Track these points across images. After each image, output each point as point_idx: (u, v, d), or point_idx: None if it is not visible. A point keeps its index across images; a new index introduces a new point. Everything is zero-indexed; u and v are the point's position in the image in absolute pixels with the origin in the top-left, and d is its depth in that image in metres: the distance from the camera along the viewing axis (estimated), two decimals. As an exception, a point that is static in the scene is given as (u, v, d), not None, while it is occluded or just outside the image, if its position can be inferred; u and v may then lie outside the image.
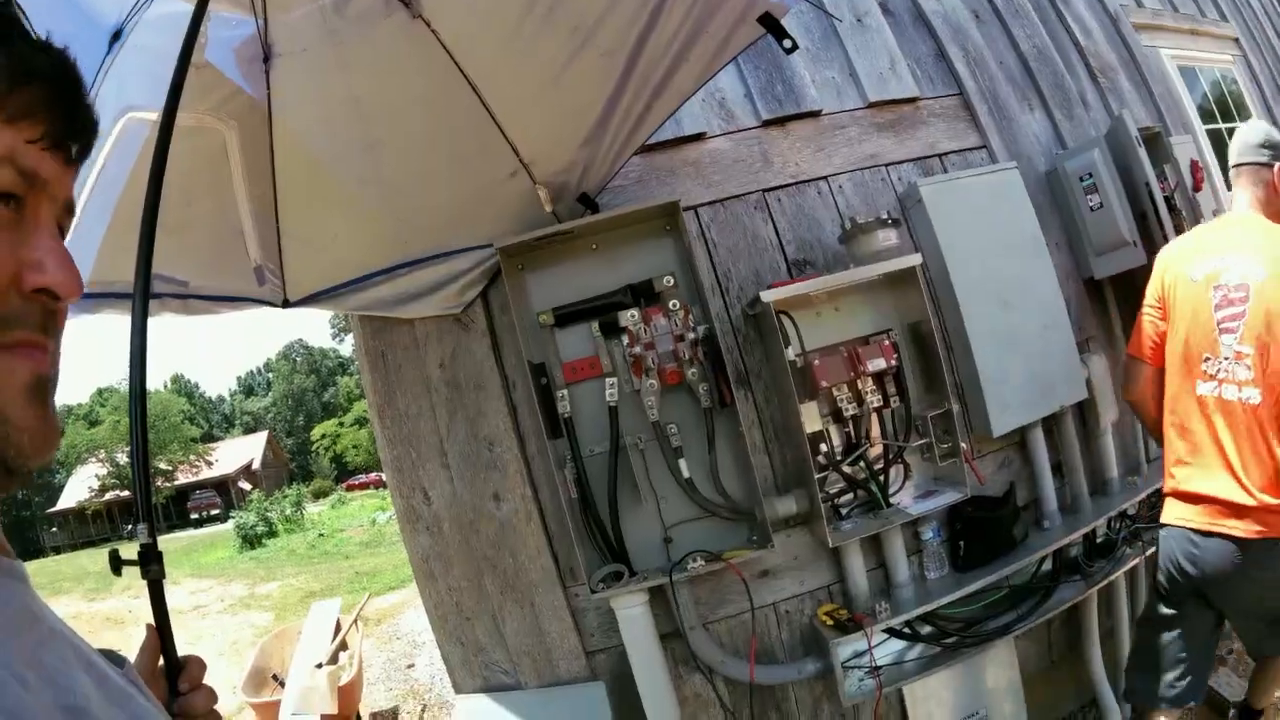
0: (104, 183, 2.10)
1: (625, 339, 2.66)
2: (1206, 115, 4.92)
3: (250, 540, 22.32)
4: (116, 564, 1.14)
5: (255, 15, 2.09)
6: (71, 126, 0.62)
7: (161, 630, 1.07)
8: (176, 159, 1.62)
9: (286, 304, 2.66)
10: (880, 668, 2.70)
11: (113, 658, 0.76)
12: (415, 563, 2.99)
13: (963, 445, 2.78)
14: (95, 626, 11.78)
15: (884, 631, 2.73)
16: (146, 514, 1.17)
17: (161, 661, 1.06)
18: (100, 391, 57.17)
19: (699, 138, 2.99)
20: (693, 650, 2.74)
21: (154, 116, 2.05)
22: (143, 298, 1.30)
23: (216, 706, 1.07)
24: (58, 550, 37.31)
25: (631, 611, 2.60)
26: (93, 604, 14.47)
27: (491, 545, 2.90)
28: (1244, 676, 3.37)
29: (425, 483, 2.94)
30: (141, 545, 1.14)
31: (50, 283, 0.58)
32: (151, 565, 1.14)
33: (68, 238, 0.68)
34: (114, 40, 2.02)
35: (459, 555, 2.93)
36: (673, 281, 2.71)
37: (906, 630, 2.79)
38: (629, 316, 2.66)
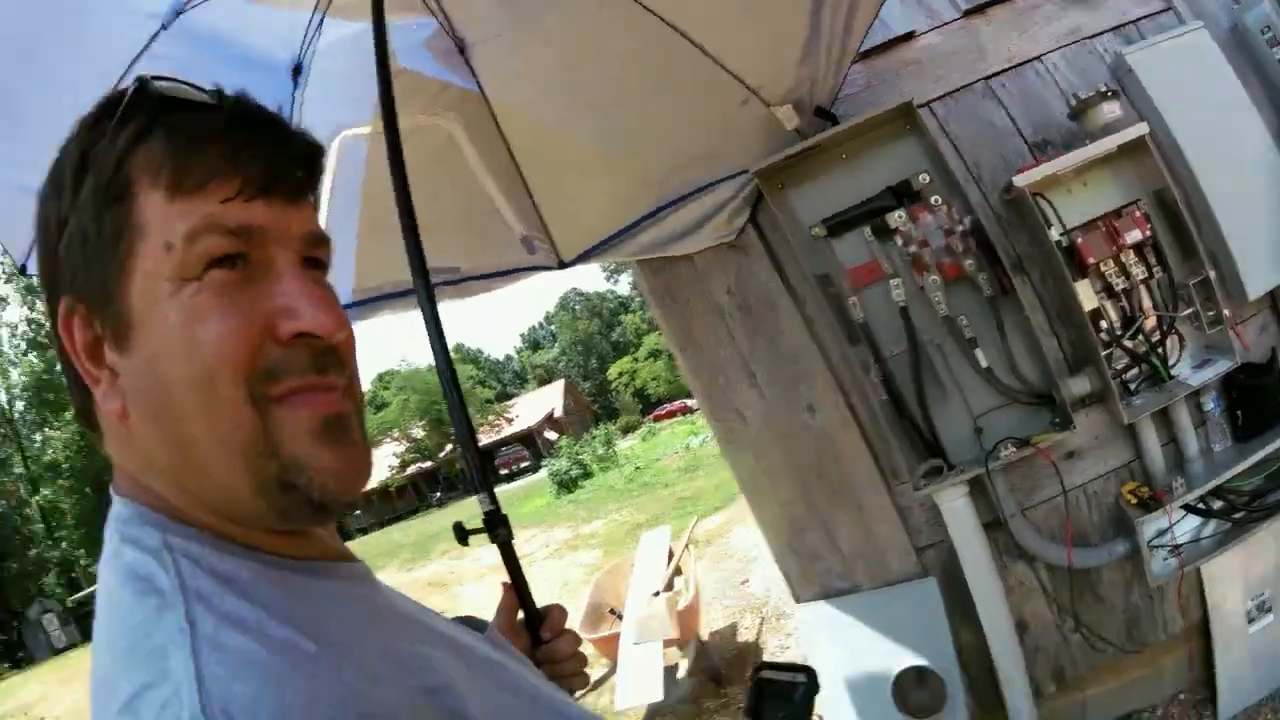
0: (339, 201, 2.16)
1: (899, 240, 2.63)
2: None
3: (565, 485, 22.41)
4: (462, 535, 1.19)
5: (434, 14, 2.14)
6: (271, 166, 0.60)
7: (518, 586, 1.14)
8: (408, 161, 1.64)
9: (562, 265, 2.69)
10: (1180, 546, 2.65)
11: (474, 624, 0.82)
12: (742, 482, 3.06)
13: (1225, 312, 2.71)
14: (419, 592, 11.68)
15: (1181, 508, 2.67)
16: (485, 485, 1.23)
17: (521, 615, 1.12)
18: (380, 376, 58.18)
19: (910, 36, 2.93)
20: (1015, 538, 2.73)
21: (366, 130, 2.10)
22: (425, 286, 1.35)
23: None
24: (364, 531, 37.33)
25: (955, 504, 2.61)
26: (411, 572, 14.93)
27: (813, 455, 2.92)
28: None
29: (738, 404, 2.97)
30: (486, 513, 1.20)
31: (306, 326, 0.58)
32: (499, 529, 1.20)
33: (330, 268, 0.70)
34: (296, 74, 2.08)
35: (783, 469, 2.97)
36: (928, 178, 2.66)
37: (1201, 505, 2.73)
38: (897, 217, 2.62)
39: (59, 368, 0.62)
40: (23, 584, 41.62)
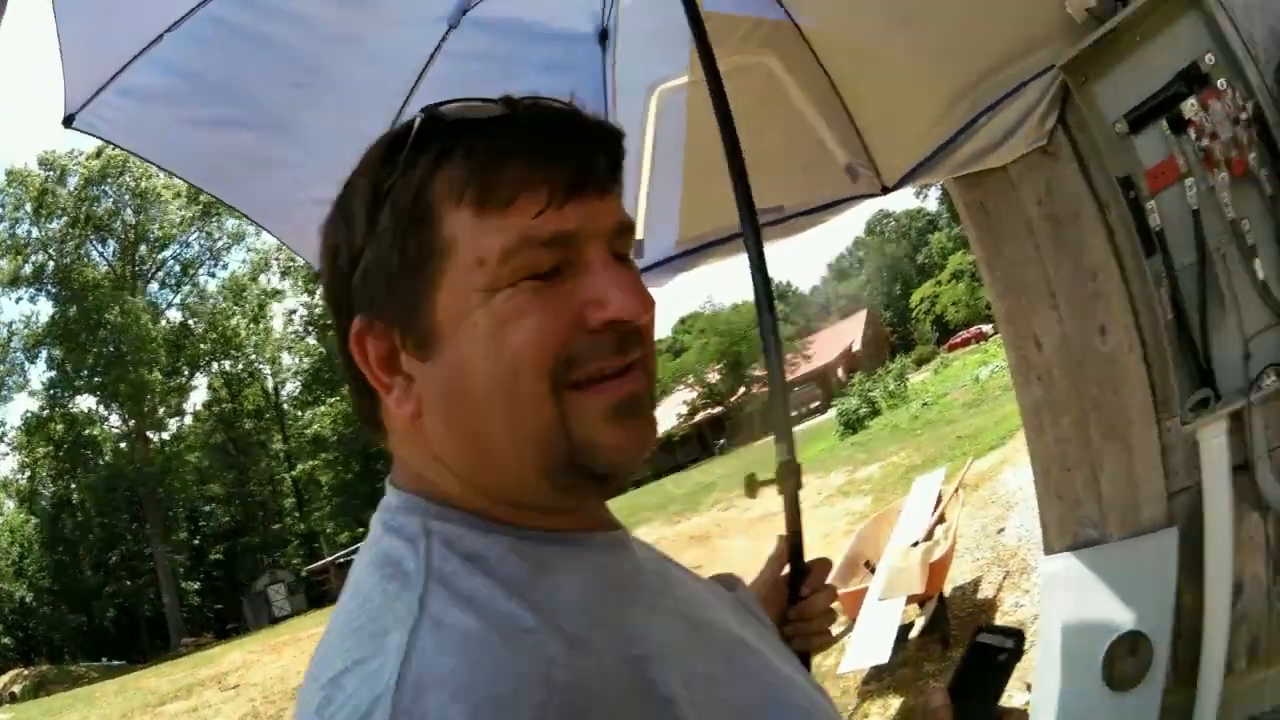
0: (662, 154, 2.23)
1: (1192, 133, 2.32)
2: None
3: (852, 425, 22.33)
4: (751, 486, 1.25)
5: None
6: (577, 168, 0.59)
7: (793, 540, 1.15)
8: (731, 104, 1.64)
9: (885, 190, 2.72)
10: None
11: (725, 581, 0.84)
12: (1026, 417, 2.98)
13: None
14: (679, 546, 12.11)
15: None
16: (786, 434, 1.24)
17: (787, 569, 1.13)
18: (683, 320, 57.61)
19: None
20: (1255, 483, 2.42)
21: (683, 81, 2.14)
22: (754, 230, 1.42)
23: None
24: (638, 484, 40.54)
25: (1215, 441, 2.30)
26: (677, 526, 15.19)
27: (1096, 384, 2.78)
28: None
29: (1037, 329, 2.90)
30: (781, 461, 1.20)
31: (616, 314, 0.59)
32: (788, 479, 1.20)
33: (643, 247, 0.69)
34: (603, 40, 2.13)
35: (1067, 401, 2.86)
36: (1213, 59, 2.32)
37: None
38: (1190, 106, 2.31)
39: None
40: (255, 557, 44.17)
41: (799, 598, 1.10)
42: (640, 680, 0.55)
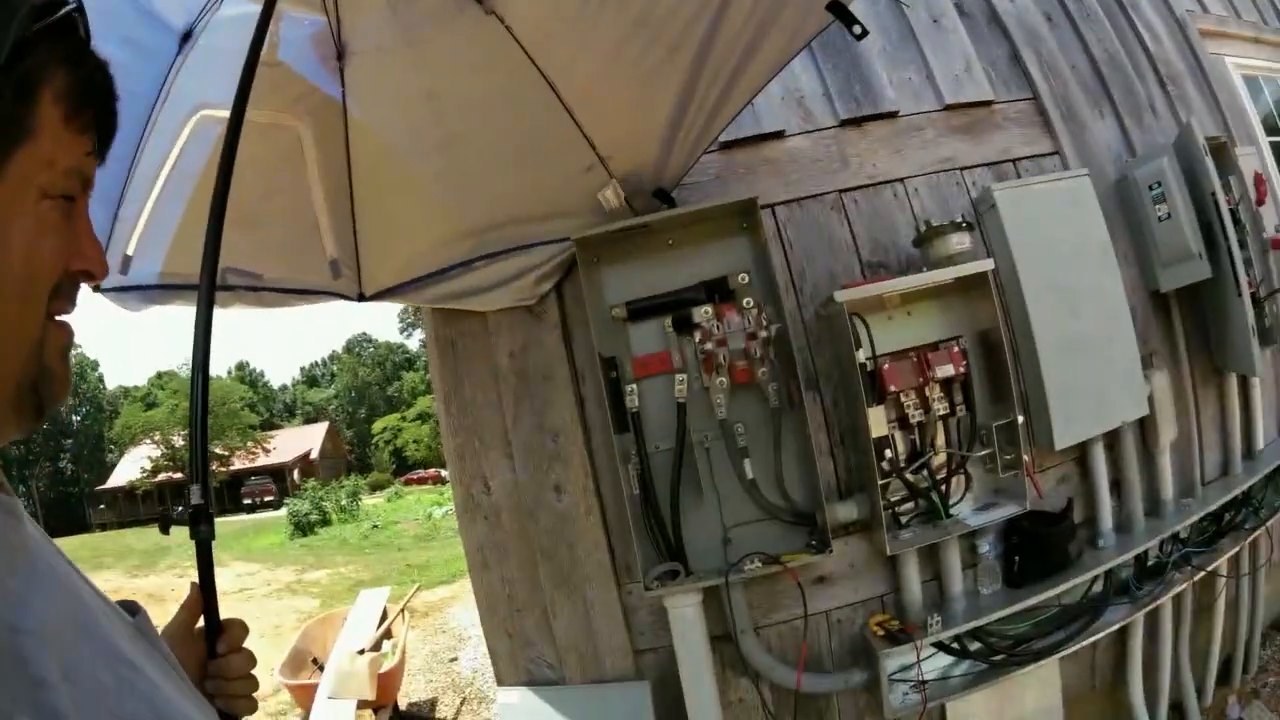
0: (176, 179, 2.19)
1: (698, 335, 2.64)
2: (1270, 128, 4.82)
3: (302, 527, 22.39)
4: (165, 523, 1.22)
5: (327, 14, 2.14)
6: (109, 138, 0.72)
7: (205, 591, 1.11)
8: (253, 155, 1.65)
9: (362, 298, 2.68)
10: (927, 682, 2.69)
11: (129, 607, 0.81)
12: (470, 552, 2.99)
13: (1024, 458, 2.75)
14: (139, 602, 11.57)
15: (933, 645, 2.72)
16: (202, 476, 1.18)
17: (202, 622, 1.10)
18: (159, 374, 57.17)
19: (778, 135, 2.97)
20: (742, 654, 2.74)
21: (226, 114, 2.08)
22: (209, 285, 1.33)
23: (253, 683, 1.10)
24: (104, 527, 38.02)
25: (684, 611, 2.60)
26: (134, 580, 14.78)
27: (549, 537, 2.90)
28: (1276, 710, 3.38)
29: (486, 471, 2.94)
30: (193, 506, 1.16)
31: (92, 267, 0.69)
32: (201, 525, 1.16)
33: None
34: (184, 41, 2.08)
35: (515, 545, 2.94)
36: (747, 279, 2.69)
37: (955, 645, 2.78)
38: (702, 313, 2.64)
39: None
40: None
41: (217, 654, 1.07)
42: (17, 651, 0.53)
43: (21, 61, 0.61)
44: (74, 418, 57.34)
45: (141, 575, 15.40)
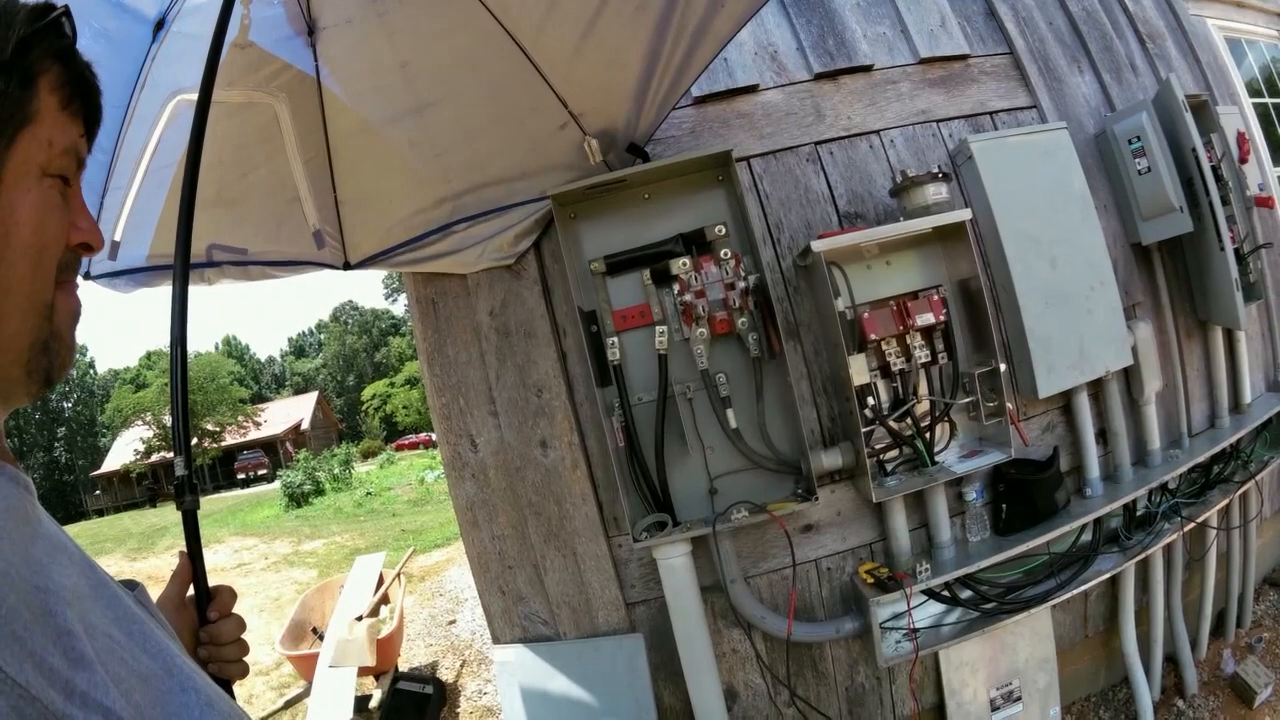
0: (158, 162, 2.21)
1: (676, 287, 2.63)
2: (1254, 90, 4.83)
3: (296, 499, 22.19)
4: (154, 499, 1.15)
5: None
6: (95, 125, 0.80)
7: (193, 559, 1.16)
8: (230, 134, 1.65)
9: (348, 266, 2.71)
10: (918, 630, 2.68)
11: (127, 584, 0.84)
12: (460, 510, 2.99)
13: (1008, 405, 2.74)
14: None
15: (923, 593, 2.72)
16: (185, 448, 1.22)
17: (192, 590, 1.14)
18: (149, 355, 57.14)
19: (752, 89, 2.95)
20: (733, 603, 2.73)
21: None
22: (184, 263, 1.37)
23: (251, 659, 1.18)
24: (100, 513, 37.33)
25: (674, 562, 2.59)
26: (134, 563, 14.71)
27: (536, 492, 2.89)
28: (1271, 666, 3.37)
29: (473, 430, 2.93)
30: (177, 476, 1.20)
31: (89, 239, 0.77)
32: (185, 496, 1.20)
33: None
34: (158, 29, 2.10)
35: (504, 503, 2.93)
36: (724, 230, 2.68)
37: (945, 593, 2.77)
38: (680, 264, 2.63)
39: None
40: None
41: (208, 620, 1.11)
42: (44, 606, 0.57)
43: (22, 57, 0.71)
44: (65, 405, 57.04)
45: (141, 558, 15.32)
